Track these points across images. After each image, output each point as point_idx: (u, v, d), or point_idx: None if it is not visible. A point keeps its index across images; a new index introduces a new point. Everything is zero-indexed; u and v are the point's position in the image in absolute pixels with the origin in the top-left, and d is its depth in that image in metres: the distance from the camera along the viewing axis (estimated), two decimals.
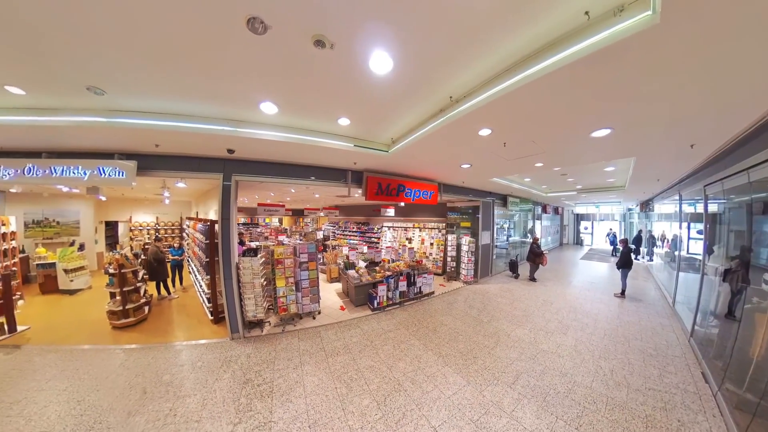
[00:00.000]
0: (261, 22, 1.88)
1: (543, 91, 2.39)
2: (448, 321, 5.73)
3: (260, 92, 2.93)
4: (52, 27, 1.95)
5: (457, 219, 9.98)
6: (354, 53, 2.20)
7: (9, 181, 4.44)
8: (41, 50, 2.22)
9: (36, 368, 4.22)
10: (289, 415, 3.16)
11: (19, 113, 3.34)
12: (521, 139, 3.76)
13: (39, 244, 8.89)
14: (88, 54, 2.26)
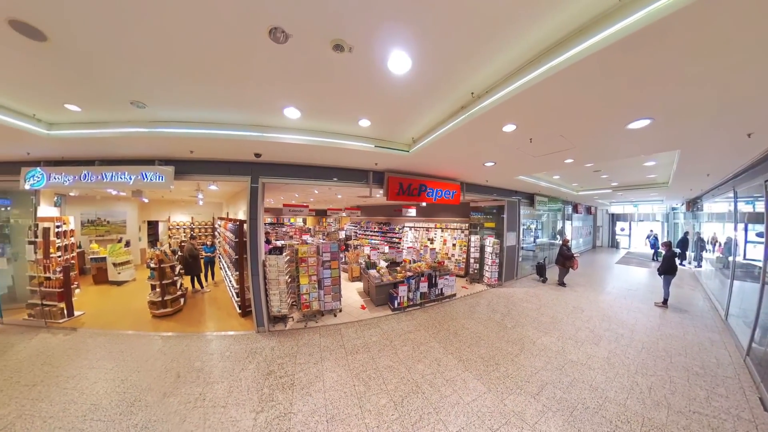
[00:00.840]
0: (282, 32, 1.97)
1: (571, 81, 2.23)
2: (470, 325, 5.58)
3: (284, 98, 3.07)
4: (102, 52, 2.25)
5: (481, 219, 9.69)
6: (372, 55, 2.22)
7: (68, 185, 5.13)
8: (94, 72, 2.56)
9: (88, 349, 4.75)
10: (309, 408, 3.26)
11: (76, 127, 3.85)
12: (549, 134, 3.55)
13: (93, 240, 10.01)
14: (132, 73, 2.56)
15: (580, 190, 10.71)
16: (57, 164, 5.24)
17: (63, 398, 3.47)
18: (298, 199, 11.38)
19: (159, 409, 3.27)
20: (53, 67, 2.47)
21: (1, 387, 3.69)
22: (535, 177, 7.73)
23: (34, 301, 5.95)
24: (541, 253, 11.58)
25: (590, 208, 18.00)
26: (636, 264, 12.98)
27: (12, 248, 6.56)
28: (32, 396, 3.51)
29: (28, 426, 3.02)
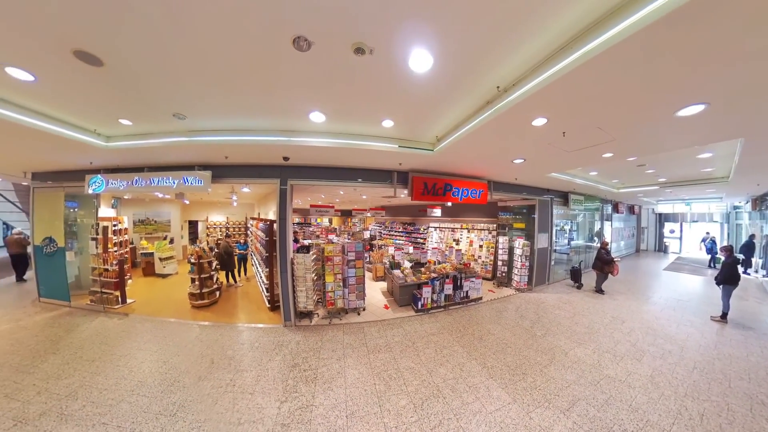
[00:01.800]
0: (305, 40, 2.06)
1: (608, 67, 2.05)
2: (496, 330, 5.37)
3: (309, 103, 3.21)
4: (148, 72, 2.56)
5: (510, 220, 9.27)
6: (393, 55, 2.23)
7: (123, 190, 5.87)
8: (141, 90, 2.91)
9: (137, 332, 5.32)
10: (330, 402, 3.34)
11: (128, 139, 4.38)
12: (584, 126, 3.30)
13: (142, 237, 11.14)
14: (173, 88, 2.88)
15: (622, 187, 9.81)
16: (113, 171, 6.00)
17: (116, 373, 3.96)
18: (325, 199, 11.70)
19: (194, 391, 3.57)
20: (109, 87, 2.86)
21: (68, 360, 4.29)
22: (570, 174, 7.23)
23: (95, 289, 6.73)
24: (577, 256, 10.80)
25: (633, 207, 16.23)
26: (688, 271, 11.65)
27: (78, 243, 7.45)
28: (92, 370, 4.04)
29: (87, 395, 3.50)
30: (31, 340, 4.94)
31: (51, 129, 3.71)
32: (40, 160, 5.80)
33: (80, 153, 4.92)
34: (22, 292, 7.82)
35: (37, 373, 3.96)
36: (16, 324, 5.64)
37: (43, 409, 3.26)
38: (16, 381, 3.76)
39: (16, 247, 8.89)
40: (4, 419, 3.07)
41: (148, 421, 3.05)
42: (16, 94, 3.09)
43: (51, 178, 6.89)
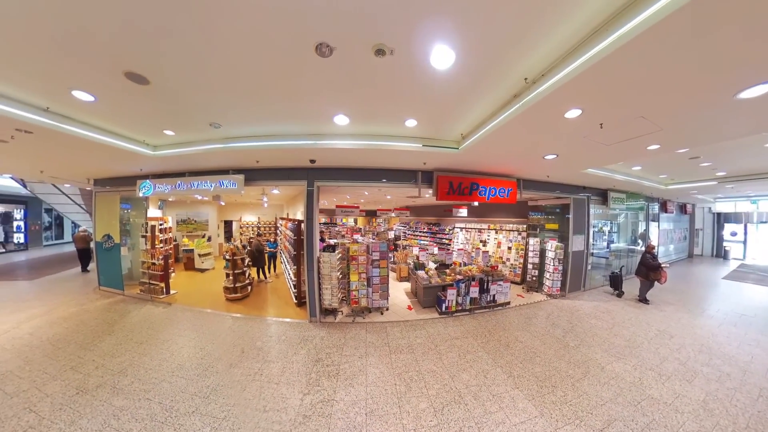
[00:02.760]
0: (327, 46, 2.13)
1: (652, 47, 1.82)
2: (525, 338, 5.11)
3: (333, 107, 3.31)
4: (187, 87, 2.87)
5: (541, 220, 8.76)
6: (414, 54, 2.22)
7: (167, 193, 6.57)
8: (181, 103, 3.24)
9: (179, 320, 5.84)
10: (350, 398, 3.40)
11: (171, 147, 4.90)
12: (625, 116, 2.98)
13: (184, 235, 12.26)
14: (209, 101, 3.17)
15: (671, 183, 8.80)
16: (159, 177, 6.69)
17: (159, 356, 4.41)
18: (350, 200, 11.91)
19: (226, 377, 3.84)
20: (155, 102, 3.22)
21: (121, 341, 4.86)
22: (609, 169, 6.63)
23: (144, 280, 7.47)
24: (617, 261, 9.91)
25: (685, 206, 14.43)
26: (754, 281, 10.20)
27: (131, 240, 8.40)
28: (139, 351, 4.54)
29: (135, 372, 3.95)
30: (92, 322, 5.65)
31: (109, 141, 4.27)
32: (100, 169, 6.65)
33: (132, 161, 5.58)
34: (86, 281, 8.94)
35: (96, 350, 4.55)
36: (81, 308, 6.47)
37: (100, 381, 3.75)
38: (80, 356, 4.35)
39: (82, 243, 10.26)
40: (69, 388, 3.59)
41: (184, 401, 3.35)
42: (81, 113, 3.61)
43: (109, 184, 7.87)
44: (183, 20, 1.92)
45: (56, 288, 8.20)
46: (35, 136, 3.94)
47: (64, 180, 8.98)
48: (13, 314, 6.01)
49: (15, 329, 5.27)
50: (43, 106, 3.36)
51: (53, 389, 3.55)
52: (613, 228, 10.05)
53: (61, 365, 4.09)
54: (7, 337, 4.92)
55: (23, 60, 2.44)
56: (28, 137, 4.00)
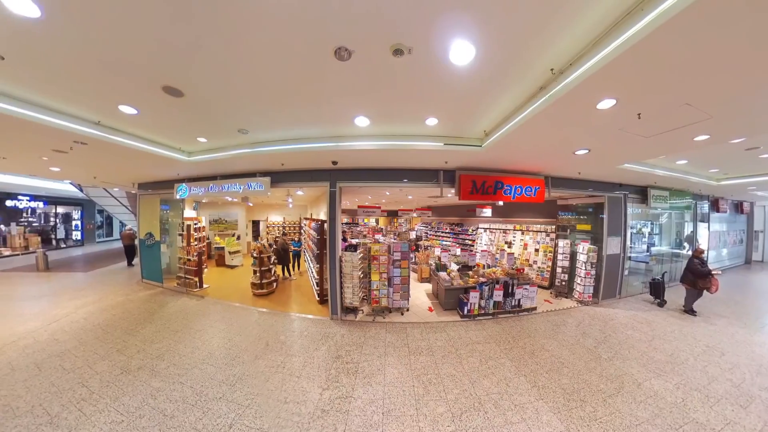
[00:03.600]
0: (345, 50, 2.19)
1: (700, 24, 1.63)
2: (552, 346, 4.82)
3: (353, 109, 3.38)
4: (217, 97, 3.11)
5: (572, 220, 8.20)
6: (432, 52, 2.20)
7: (201, 195, 7.14)
8: (212, 112, 3.52)
9: (210, 312, 6.25)
10: (368, 396, 3.42)
11: (204, 153, 5.34)
12: (666, 104, 2.68)
13: (216, 234, 13.09)
14: (237, 109, 3.41)
15: (723, 178, 7.87)
16: (194, 180, 7.26)
17: (192, 344, 4.76)
18: (371, 200, 12.00)
19: (251, 367, 4.05)
20: (189, 113, 3.55)
21: (159, 329, 5.34)
22: (649, 164, 6.06)
23: (180, 275, 8.05)
24: (659, 266, 9.05)
25: (741, 204, 12.74)
26: None
27: (169, 238, 9.16)
28: (175, 339, 4.93)
29: (171, 357, 4.32)
30: (136, 311, 6.22)
31: (150, 149, 4.77)
32: (143, 174, 7.40)
33: (170, 167, 6.13)
34: (131, 274, 9.84)
35: (138, 335, 5.02)
36: (126, 298, 7.14)
37: (140, 364, 4.14)
38: (124, 340, 4.82)
39: (128, 240, 11.39)
40: (115, 368, 4.03)
41: (213, 387, 3.60)
42: (126, 125, 4.06)
43: (150, 187, 8.67)
44: (211, 36, 2.09)
45: (106, 279, 9.12)
46: (89, 146, 4.48)
47: (113, 184, 10.06)
48: (71, 301, 6.78)
49: (73, 314, 5.96)
50: (95, 120, 3.84)
51: (102, 368, 4.01)
52: (655, 229, 9.15)
53: (108, 347, 4.57)
54: (67, 321, 5.60)
55: (79, 82, 2.84)
56: (84, 148, 4.56)
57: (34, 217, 14.61)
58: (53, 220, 15.61)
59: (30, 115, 3.31)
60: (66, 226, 16.54)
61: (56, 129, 3.65)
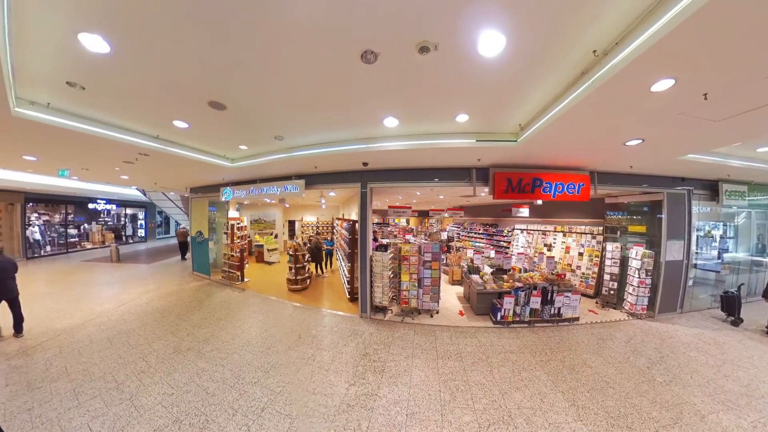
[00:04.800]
0: (371, 53, 2.23)
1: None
2: (596, 362, 4.36)
3: (382, 110, 3.42)
4: (255, 108, 3.41)
5: (623, 221, 7.34)
6: (459, 45, 2.13)
7: (243, 197, 7.86)
8: (251, 122, 3.85)
9: (249, 304, 6.77)
10: (393, 396, 3.41)
11: (245, 159, 5.84)
12: (740, 80, 2.23)
13: (256, 233, 14.19)
14: (272, 117, 3.70)
15: None
16: (237, 184, 7.98)
17: (233, 332, 5.20)
18: (402, 201, 11.97)
19: (284, 357, 4.30)
20: (231, 123, 3.90)
21: (206, 316, 5.96)
22: (719, 154, 5.14)
23: (225, 269, 8.85)
24: (733, 276, 7.73)
25: None
26: None
27: (216, 236, 10.20)
28: (219, 326, 5.44)
29: (215, 342, 4.77)
30: (187, 299, 6.97)
31: (200, 158, 5.36)
32: (194, 179, 8.38)
33: (216, 172, 6.85)
34: (183, 267, 11.00)
35: (188, 321, 5.64)
36: (179, 287, 8.02)
37: (189, 345, 4.64)
38: (177, 324, 5.45)
39: (181, 237, 12.91)
40: (168, 347, 4.57)
41: (249, 372, 3.91)
42: (180, 137, 4.62)
43: (200, 191, 9.72)
44: (247, 53, 2.30)
45: (164, 271, 10.33)
46: (150, 157, 5.25)
47: (170, 189, 11.73)
48: (136, 288, 7.81)
49: (137, 299, 6.86)
50: (155, 134, 4.44)
51: (158, 346, 4.58)
52: (729, 232, 7.85)
53: (164, 329, 5.21)
54: (132, 305, 6.49)
55: (141, 103, 3.33)
56: (146, 158, 5.37)
57: (109, 217, 17.16)
58: (123, 219, 18.24)
59: (105, 133, 3.96)
60: (133, 224, 19.17)
61: (125, 144, 4.29)
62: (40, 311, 5.87)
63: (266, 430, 2.88)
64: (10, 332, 4.77)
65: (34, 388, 3.48)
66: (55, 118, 3.46)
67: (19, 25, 2.04)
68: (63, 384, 3.57)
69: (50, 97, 3.19)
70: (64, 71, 2.64)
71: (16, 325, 4.80)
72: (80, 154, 5.34)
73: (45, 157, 5.79)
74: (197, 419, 3.02)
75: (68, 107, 3.45)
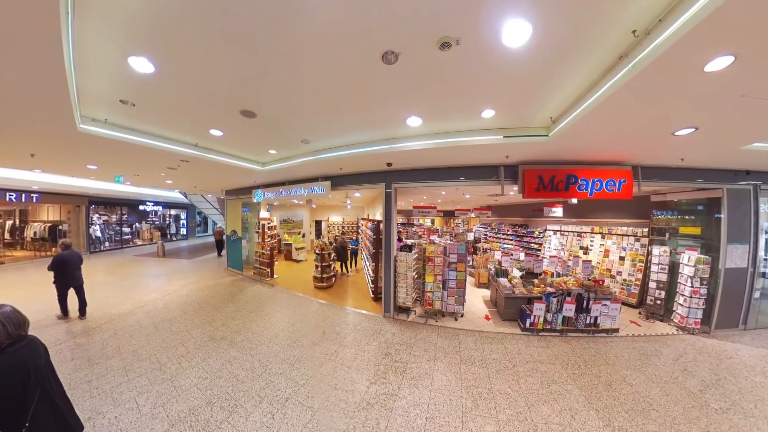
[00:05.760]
0: (392, 53, 2.23)
1: None
2: (637, 380, 3.91)
3: (404, 110, 3.41)
4: (283, 115, 3.62)
5: (672, 221, 6.56)
6: (482, 38, 2.05)
7: (273, 199, 8.31)
8: (279, 127, 4.08)
9: (278, 299, 7.13)
10: (413, 398, 3.36)
11: (274, 163, 6.20)
12: None
13: (285, 232, 14.86)
14: (299, 122, 3.86)
15: None
16: (267, 186, 8.45)
17: (262, 325, 5.49)
18: (426, 200, 11.81)
19: (308, 351, 4.48)
20: (261, 130, 4.15)
21: (238, 309, 6.34)
22: None
23: (256, 266, 9.34)
24: None
25: None
26: None
27: (248, 235, 10.84)
28: (249, 318, 5.79)
29: (245, 333, 5.06)
30: (222, 292, 7.52)
31: (234, 163, 5.78)
32: (228, 183, 9.07)
33: (249, 176, 7.35)
34: (219, 263, 11.85)
35: (223, 312, 6.09)
36: (215, 281, 8.65)
37: (222, 335, 5.00)
38: (213, 315, 5.91)
39: (217, 236, 13.94)
40: (205, 335, 4.97)
41: (276, 363, 4.11)
42: (216, 144, 5.00)
43: (234, 193, 10.45)
44: (273, 62, 2.44)
45: (202, 266, 11.20)
46: (191, 163, 5.80)
47: (208, 191, 12.78)
48: (178, 281, 8.58)
49: (179, 291, 7.55)
50: (194, 143, 4.89)
51: (196, 334, 5.00)
52: None
53: (202, 319, 5.69)
54: (175, 295, 7.16)
55: (182, 115, 3.68)
56: (187, 165, 5.93)
57: (156, 217, 19.15)
58: (168, 219, 20.31)
59: (152, 143, 4.45)
60: (176, 224, 21.26)
61: (168, 152, 4.80)
62: (99, 298, 6.65)
63: (289, 419, 2.99)
64: (76, 315, 5.53)
65: (93, 363, 4.01)
66: (111, 132, 3.98)
67: (80, 54, 2.34)
68: (116, 362, 4.06)
69: (107, 113, 3.66)
70: (117, 91, 3.02)
71: (80, 309, 5.55)
72: (132, 162, 6.09)
73: (104, 166, 6.66)
74: (227, 403, 3.24)
75: (122, 122, 3.94)
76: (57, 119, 3.33)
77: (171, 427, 2.88)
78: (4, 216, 12.65)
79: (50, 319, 5.41)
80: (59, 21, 1.70)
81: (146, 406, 3.15)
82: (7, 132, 3.92)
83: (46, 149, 4.99)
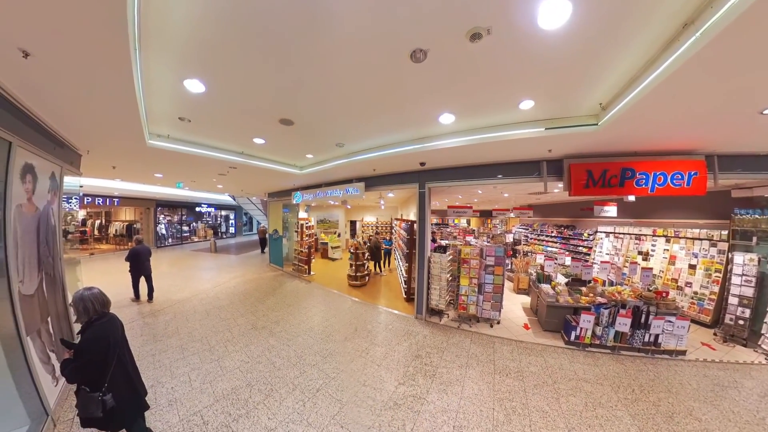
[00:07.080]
0: (420, 51, 2.20)
1: None
2: (708, 416, 3.23)
3: (436, 108, 3.36)
4: (318, 121, 3.81)
5: (761, 222, 5.37)
6: (516, 24, 1.92)
7: (310, 200, 8.85)
8: (315, 133, 4.32)
9: (315, 295, 7.53)
10: (441, 404, 3.26)
11: (311, 166, 6.66)
12: None
13: (322, 232, 15.60)
14: (334, 127, 4.07)
15: None
16: (305, 188, 8.99)
17: (299, 317, 5.85)
18: (462, 200, 11.44)
19: (340, 347, 4.61)
20: (298, 136, 4.44)
21: (278, 301, 6.84)
22: None
23: (295, 263, 10.00)
24: None
25: None
26: None
27: (288, 234, 11.55)
28: (288, 311, 6.21)
29: (284, 324, 5.46)
30: (264, 286, 8.17)
31: (275, 168, 6.24)
32: (271, 186, 9.89)
33: (288, 179, 7.99)
34: (262, 259, 12.86)
35: (264, 303, 6.64)
36: (259, 276, 9.42)
37: (263, 324, 5.42)
38: (256, 306, 6.47)
39: (261, 234, 15.36)
40: (248, 324, 5.42)
41: (309, 355, 4.33)
42: (259, 151, 5.45)
43: (276, 196, 11.33)
44: (307, 71, 2.59)
45: (247, 261, 12.27)
46: (238, 170, 6.49)
47: (253, 194, 14.14)
48: (227, 274, 9.56)
49: (227, 282, 8.40)
50: (240, 151, 5.40)
51: (240, 322, 5.50)
52: None
53: (246, 308, 6.25)
54: (225, 286, 8.00)
55: (229, 126, 4.10)
56: (234, 171, 6.67)
57: (210, 217, 21.63)
58: (219, 219, 22.91)
59: (205, 153, 5.04)
60: (226, 223, 23.84)
61: (219, 160, 5.40)
62: (163, 286, 7.66)
63: (318, 409, 3.12)
64: (146, 299, 6.54)
65: (157, 340, 4.66)
66: (173, 145, 4.60)
67: (146, 82, 2.74)
68: (175, 341, 4.66)
69: (169, 129, 4.24)
70: (176, 109, 3.48)
71: (149, 294, 6.60)
72: (189, 170, 7.05)
73: (167, 174, 7.80)
74: (264, 387, 3.51)
75: (181, 136, 4.54)
76: (131, 137, 3.95)
77: (215, 402, 3.21)
78: (94, 216, 15.49)
79: (126, 301, 6.43)
80: (129, 57, 2.01)
81: (197, 381, 3.59)
82: (95, 150, 4.79)
83: (124, 162, 6.00)
